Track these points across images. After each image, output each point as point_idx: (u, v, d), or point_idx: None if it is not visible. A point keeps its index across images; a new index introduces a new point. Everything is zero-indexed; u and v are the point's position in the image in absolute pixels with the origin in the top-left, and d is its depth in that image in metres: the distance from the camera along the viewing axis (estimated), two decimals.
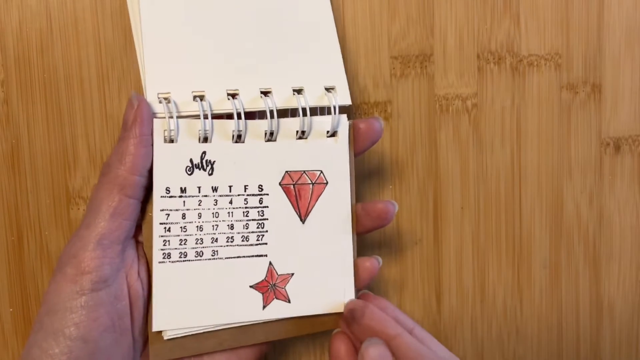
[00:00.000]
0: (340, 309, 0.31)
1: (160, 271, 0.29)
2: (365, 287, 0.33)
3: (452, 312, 0.39)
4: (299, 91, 0.31)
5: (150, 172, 0.29)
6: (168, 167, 0.29)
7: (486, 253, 0.40)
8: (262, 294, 0.30)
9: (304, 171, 0.31)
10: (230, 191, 0.30)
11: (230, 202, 0.30)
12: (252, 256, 0.30)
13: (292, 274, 0.31)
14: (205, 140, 0.29)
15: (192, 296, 0.29)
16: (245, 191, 0.30)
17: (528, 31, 0.39)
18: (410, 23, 0.37)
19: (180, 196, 0.29)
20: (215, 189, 0.30)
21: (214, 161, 0.30)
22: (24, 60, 0.33)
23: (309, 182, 0.31)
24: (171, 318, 0.29)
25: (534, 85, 0.39)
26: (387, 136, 0.38)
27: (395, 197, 0.38)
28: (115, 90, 0.34)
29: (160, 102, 0.29)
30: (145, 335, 0.29)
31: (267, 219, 0.31)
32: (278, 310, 0.31)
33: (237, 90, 0.30)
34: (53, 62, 0.33)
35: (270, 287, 0.31)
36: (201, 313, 0.29)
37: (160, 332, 0.29)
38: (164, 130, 0.29)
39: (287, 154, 0.31)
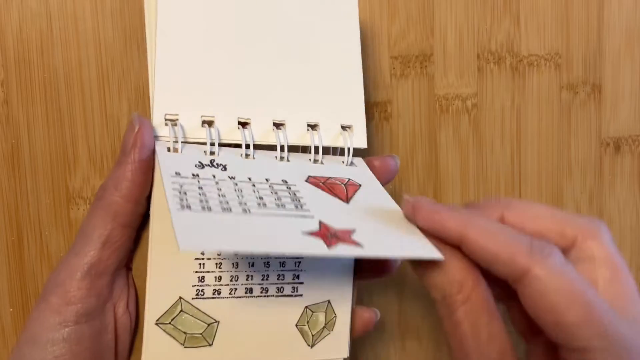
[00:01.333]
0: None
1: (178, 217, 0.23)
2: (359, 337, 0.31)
3: None
4: (313, 127, 0.29)
5: (148, 200, 0.27)
6: (173, 167, 0.26)
7: None
8: (323, 240, 0.24)
9: (329, 177, 0.29)
10: (250, 180, 0.27)
11: (254, 186, 0.26)
12: (296, 216, 0.25)
13: (354, 230, 0.25)
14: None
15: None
16: (267, 182, 0.27)
17: (528, 31, 0.39)
18: (410, 23, 0.37)
19: (194, 176, 0.26)
20: (232, 178, 0.26)
21: (226, 164, 0.27)
22: (24, 61, 0.33)
23: (339, 183, 0.29)
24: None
25: (534, 85, 0.39)
26: (387, 136, 0.38)
27: (395, 197, 0.38)
28: (115, 90, 0.34)
29: (166, 124, 0.27)
30: None
31: (303, 197, 0.26)
32: (349, 250, 0.23)
33: (249, 119, 0.28)
34: (53, 62, 0.33)
35: (331, 235, 0.24)
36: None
37: None
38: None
39: (305, 167, 0.29)
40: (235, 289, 0.28)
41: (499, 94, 0.39)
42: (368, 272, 0.30)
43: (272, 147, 0.29)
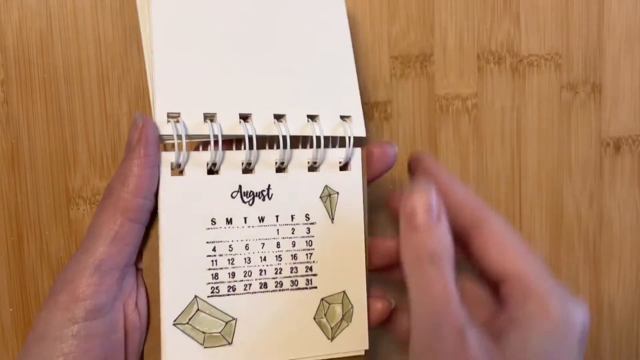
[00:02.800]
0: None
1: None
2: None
3: None
4: (313, 118, 0.30)
5: (157, 195, 0.27)
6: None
7: None
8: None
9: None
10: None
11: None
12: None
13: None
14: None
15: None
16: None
17: (528, 31, 0.39)
18: (410, 23, 0.37)
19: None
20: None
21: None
22: (24, 60, 0.33)
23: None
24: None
25: (534, 85, 0.39)
26: (387, 136, 0.38)
27: None
28: (115, 90, 0.34)
29: (168, 122, 0.27)
30: None
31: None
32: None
33: (250, 113, 0.29)
34: (53, 62, 0.33)
35: None
36: None
37: None
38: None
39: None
40: (250, 284, 0.28)
41: (499, 94, 0.39)
42: (378, 263, 0.31)
43: (271, 140, 0.29)
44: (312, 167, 0.30)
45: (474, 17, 0.38)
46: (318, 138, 0.29)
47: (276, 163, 0.29)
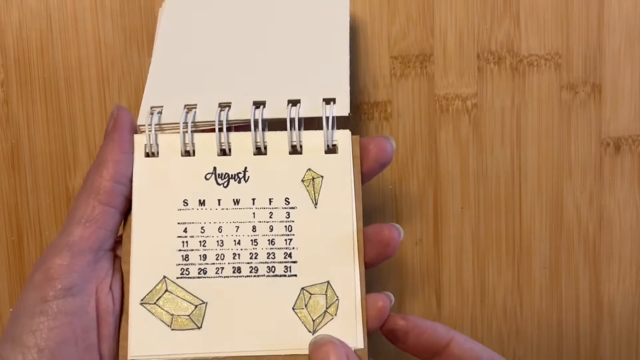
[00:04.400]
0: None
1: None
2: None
3: (452, 312, 0.39)
4: (294, 103, 0.29)
5: (131, 181, 0.28)
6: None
7: (486, 253, 0.40)
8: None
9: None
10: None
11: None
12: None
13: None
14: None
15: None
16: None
17: (528, 31, 0.39)
18: (410, 23, 0.37)
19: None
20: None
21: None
22: (24, 60, 0.33)
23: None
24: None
25: (534, 85, 0.39)
26: None
27: (395, 197, 0.38)
28: (115, 90, 0.34)
29: (151, 114, 0.28)
30: (115, 353, 0.27)
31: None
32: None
33: (230, 102, 0.29)
34: (53, 62, 0.33)
35: None
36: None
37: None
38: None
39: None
40: (222, 267, 0.28)
41: (499, 94, 0.39)
42: (373, 253, 0.29)
43: (248, 127, 0.29)
44: (295, 151, 0.29)
45: (474, 17, 0.38)
46: (292, 120, 0.28)
47: (253, 146, 0.29)
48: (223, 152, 0.28)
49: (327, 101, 0.29)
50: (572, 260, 0.41)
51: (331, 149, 0.29)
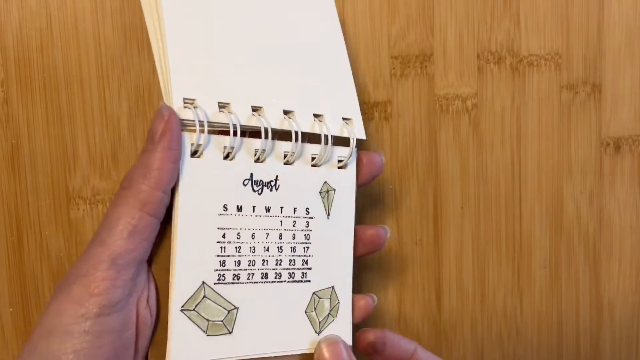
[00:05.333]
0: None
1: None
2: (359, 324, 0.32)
3: (452, 312, 0.39)
4: (318, 117, 0.30)
5: (174, 190, 0.26)
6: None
7: (486, 253, 0.40)
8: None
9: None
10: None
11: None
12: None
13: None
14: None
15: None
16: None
17: (528, 31, 0.39)
18: (410, 23, 0.37)
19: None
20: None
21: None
22: (24, 60, 0.33)
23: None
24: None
25: (534, 85, 0.39)
26: (387, 136, 0.38)
27: (395, 197, 0.38)
28: (115, 90, 0.34)
29: (186, 107, 0.27)
30: None
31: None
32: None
33: (262, 106, 0.29)
34: (53, 62, 0.33)
35: None
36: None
37: None
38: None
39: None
40: (253, 273, 0.29)
41: (499, 94, 0.39)
42: (362, 247, 0.32)
43: (277, 133, 0.29)
44: (315, 163, 0.30)
45: (474, 17, 0.38)
46: (326, 136, 0.30)
47: (285, 156, 0.29)
48: (257, 159, 0.29)
49: (345, 119, 0.31)
50: (572, 260, 0.41)
51: (342, 165, 0.31)
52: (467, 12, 0.38)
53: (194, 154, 0.27)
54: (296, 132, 0.29)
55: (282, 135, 0.29)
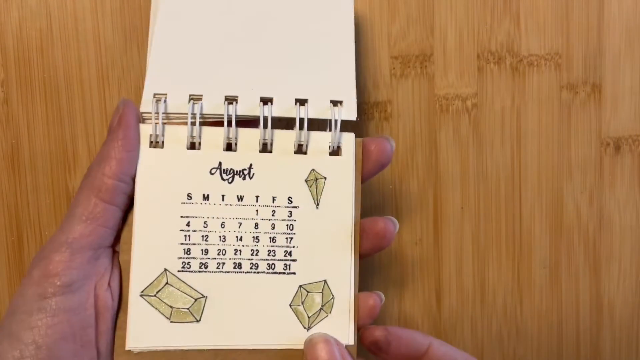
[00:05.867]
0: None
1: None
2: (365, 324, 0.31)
3: (452, 312, 0.39)
4: (302, 102, 0.29)
5: (134, 179, 0.27)
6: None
7: (486, 253, 0.40)
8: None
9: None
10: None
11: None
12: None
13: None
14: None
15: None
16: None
17: (528, 31, 0.39)
18: (410, 23, 0.37)
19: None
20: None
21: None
22: (24, 60, 0.33)
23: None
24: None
25: (534, 85, 0.39)
26: None
27: (395, 197, 0.38)
28: (115, 90, 0.34)
29: (157, 101, 0.28)
30: (113, 349, 0.27)
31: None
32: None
33: (237, 96, 0.29)
34: (53, 62, 0.33)
35: None
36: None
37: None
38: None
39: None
40: (223, 263, 0.28)
41: (499, 94, 0.39)
42: (368, 245, 0.30)
43: (256, 123, 0.29)
44: (299, 150, 0.29)
45: (474, 17, 0.38)
46: (302, 120, 0.29)
47: (260, 143, 0.29)
48: (229, 147, 0.29)
49: (335, 103, 0.30)
50: (572, 260, 0.41)
51: (335, 151, 0.29)
52: (467, 12, 0.38)
53: (153, 144, 0.28)
54: (265, 118, 0.28)
55: (275, 123, 0.29)
